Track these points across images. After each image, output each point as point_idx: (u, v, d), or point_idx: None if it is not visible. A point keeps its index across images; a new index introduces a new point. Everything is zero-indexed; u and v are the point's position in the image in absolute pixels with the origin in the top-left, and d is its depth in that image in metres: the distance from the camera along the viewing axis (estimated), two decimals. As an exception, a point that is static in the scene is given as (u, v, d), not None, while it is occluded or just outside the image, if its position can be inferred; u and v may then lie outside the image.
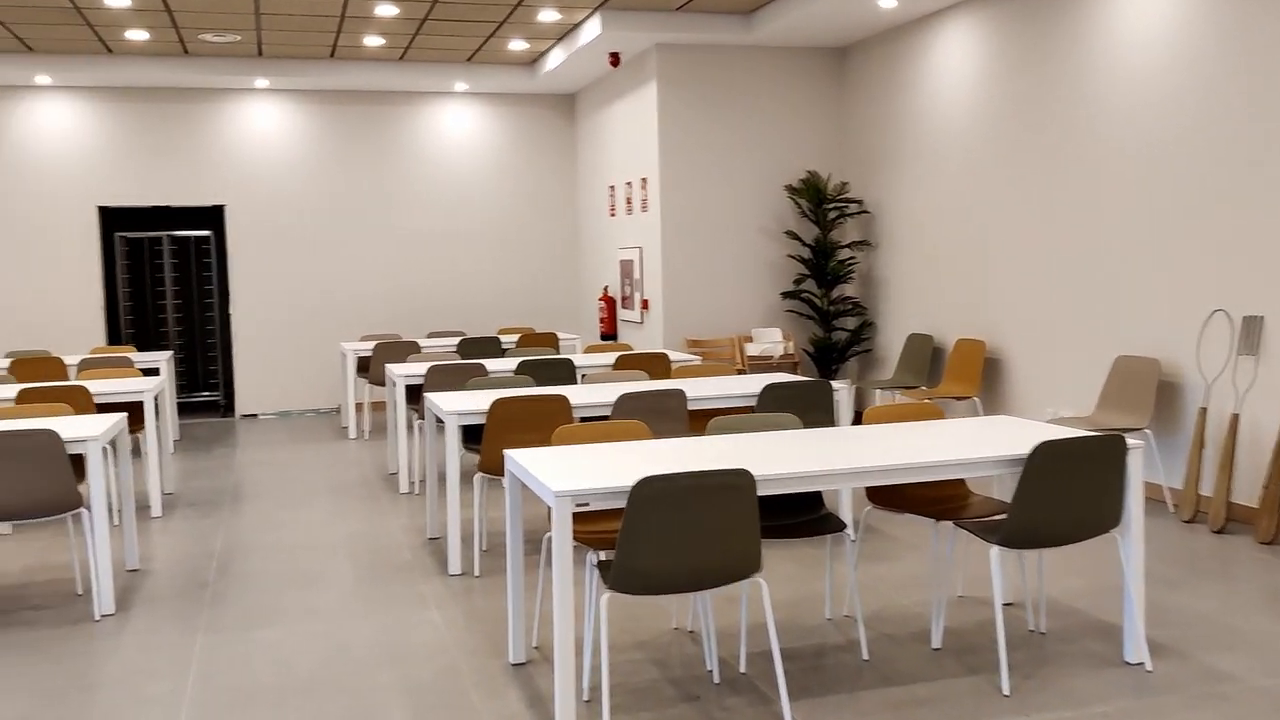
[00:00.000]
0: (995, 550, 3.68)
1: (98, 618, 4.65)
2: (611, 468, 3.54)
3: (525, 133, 11.60)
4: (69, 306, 10.45)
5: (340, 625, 4.49)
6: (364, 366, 9.59)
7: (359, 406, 10.91)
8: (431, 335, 10.31)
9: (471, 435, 5.93)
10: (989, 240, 7.76)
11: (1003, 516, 3.87)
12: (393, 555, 5.57)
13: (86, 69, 9.72)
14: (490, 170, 11.52)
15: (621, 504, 3.28)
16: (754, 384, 5.81)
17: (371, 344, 9.31)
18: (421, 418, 7.36)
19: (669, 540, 3.22)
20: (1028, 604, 4.50)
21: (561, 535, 3.25)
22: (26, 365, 7.80)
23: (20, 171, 10.27)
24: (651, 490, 3.17)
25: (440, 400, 5.43)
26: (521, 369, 6.85)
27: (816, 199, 9.27)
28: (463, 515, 6.17)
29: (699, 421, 5.83)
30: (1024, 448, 3.79)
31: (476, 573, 5.19)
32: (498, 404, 5.09)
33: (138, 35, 8.99)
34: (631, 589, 3.25)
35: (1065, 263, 7.03)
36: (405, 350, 8.97)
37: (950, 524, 4.85)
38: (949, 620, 4.37)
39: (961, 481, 4.39)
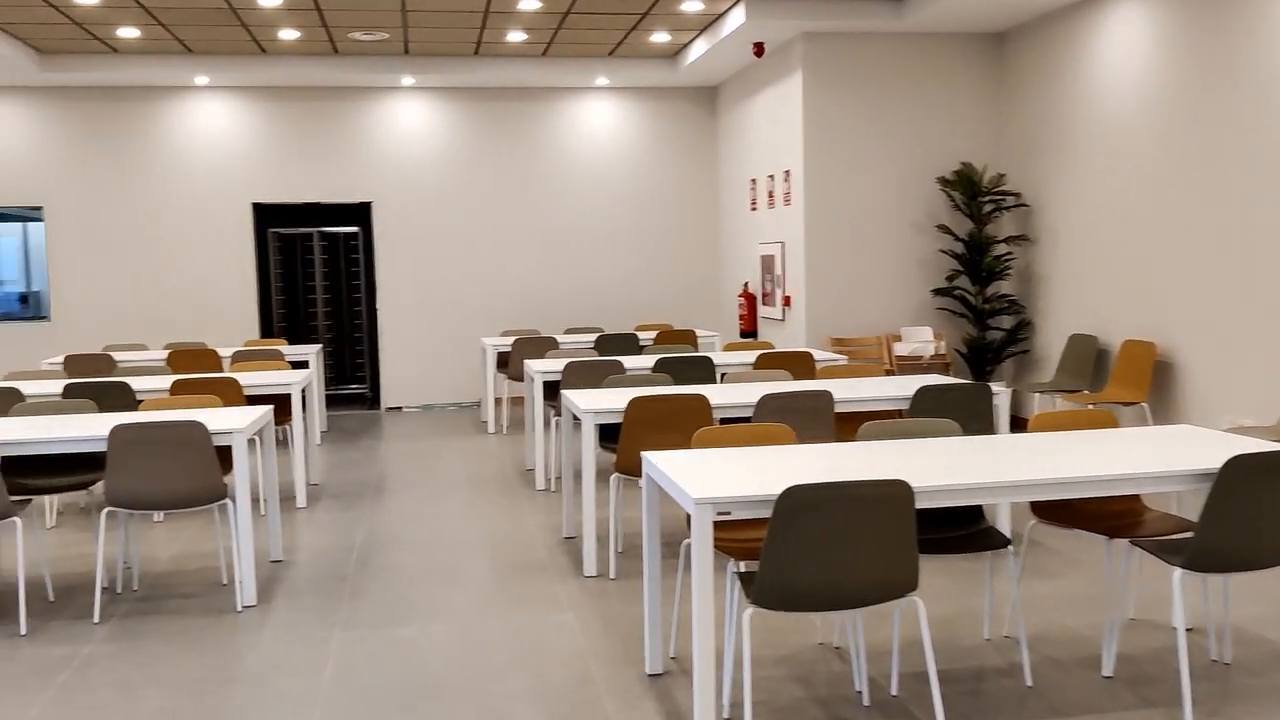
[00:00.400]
0: (1178, 573, 3.33)
1: (240, 609, 4.69)
2: (755, 474, 3.33)
3: (665, 126, 11.46)
4: (225, 300, 10.80)
5: (474, 625, 4.41)
6: (503, 362, 9.61)
7: (498, 401, 10.97)
8: (569, 331, 10.27)
9: (608, 434, 5.80)
10: (1160, 236, 7.22)
11: (1186, 536, 3.51)
12: (528, 554, 5.49)
13: (241, 69, 10.01)
14: (630, 165, 11.42)
15: (766, 514, 3.08)
16: (906, 386, 5.51)
17: (511, 339, 9.31)
18: (559, 414, 7.29)
19: (818, 554, 2.99)
20: (1210, 631, 4.11)
21: (701, 546, 3.07)
22: (183, 357, 8.05)
23: (181, 170, 10.66)
24: (799, 500, 2.95)
25: (577, 398, 5.31)
26: (659, 367, 6.69)
27: (971, 191, 8.84)
28: (598, 515, 6.06)
29: (845, 425, 5.56)
30: (1211, 461, 3.42)
31: (612, 575, 5.05)
32: (635, 403, 4.94)
33: (289, 35, 9.19)
34: (776, 605, 3.04)
35: (1246, 261, 6.47)
36: (543, 346, 8.94)
37: (1124, 542, 4.48)
38: (1121, 646, 4.01)
39: (1136, 496, 4.02)
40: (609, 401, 5.15)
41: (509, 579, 5.07)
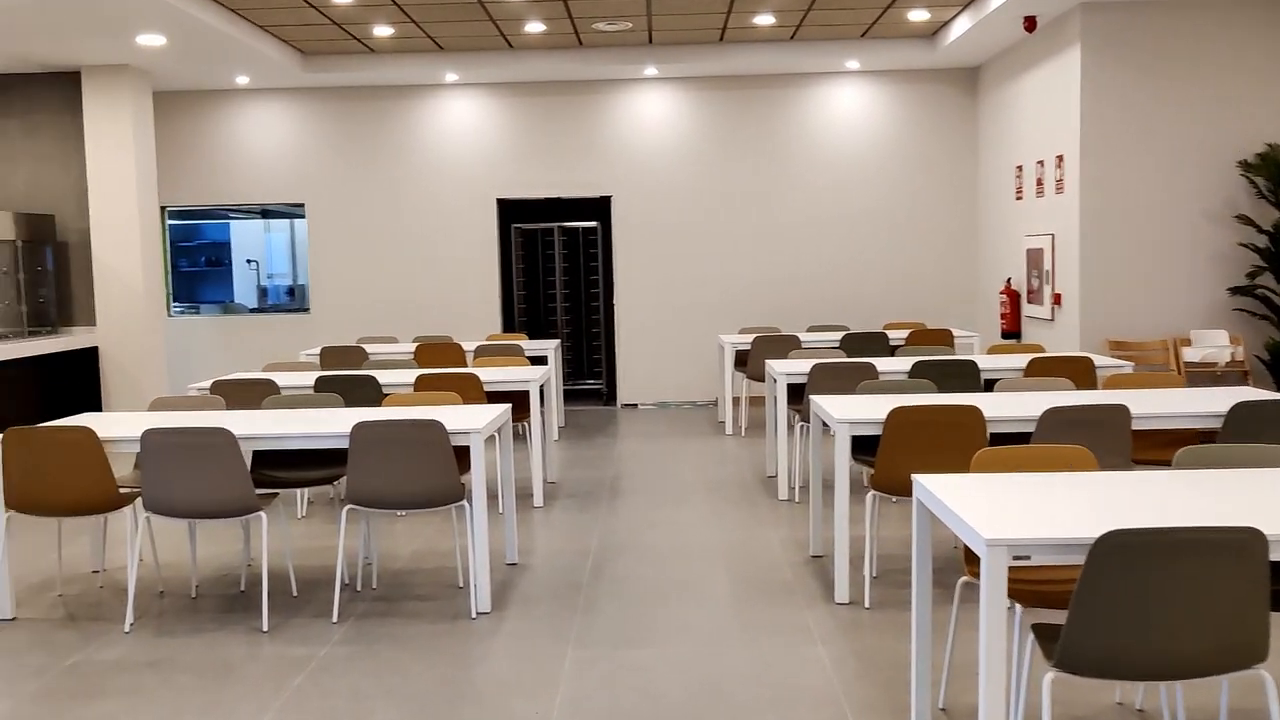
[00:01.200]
0: None
1: (474, 616, 4.52)
2: (1056, 510, 2.79)
3: (921, 111, 10.75)
4: (470, 295, 10.95)
5: (714, 652, 4.05)
6: (742, 360, 9.23)
7: (736, 401, 10.60)
8: (812, 329, 9.77)
9: (863, 444, 5.31)
10: None
11: None
12: (771, 572, 5.08)
13: (489, 65, 10.07)
14: (881, 152, 10.78)
15: (1074, 560, 2.54)
16: (1211, 400, 4.74)
17: (750, 337, 8.92)
18: (804, 420, 6.83)
19: (1141, 613, 2.44)
20: None
21: (994, 594, 2.57)
22: (429, 351, 8.11)
23: (430, 166, 10.88)
24: (1122, 547, 2.41)
25: (829, 405, 4.85)
26: (918, 371, 6.12)
27: (1279, 177, 7.73)
28: (851, 533, 5.57)
29: (1140, 447, 4.84)
30: None
31: (867, 604, 4.57)
32: (897, 414, 4.44)
33: (535, 28, 9.14)
34: (1084, 670, 2.51)
35: None
36: (785, 345, 8.50)
37: None
38: None
39: None
40: (865, 410, 4.67)
41: (751, 600, 4.68)
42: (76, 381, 9.21)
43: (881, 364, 6.58)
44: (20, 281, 8.95)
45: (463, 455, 5.14)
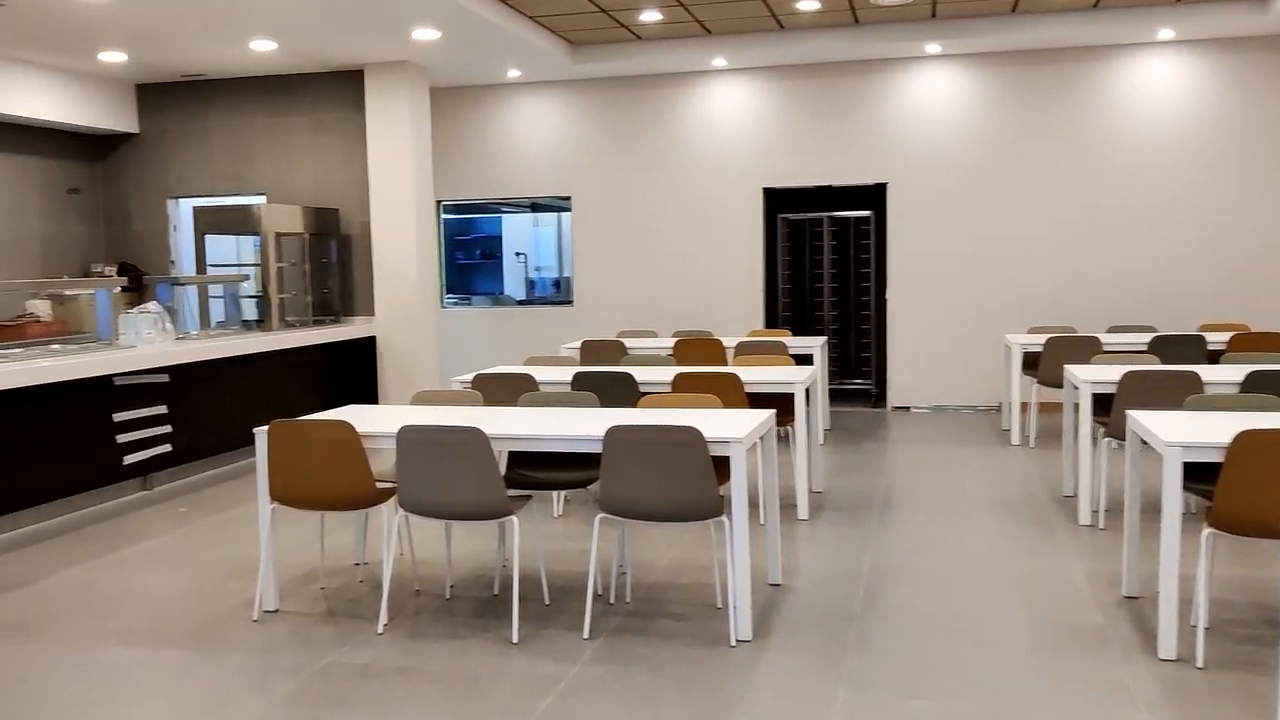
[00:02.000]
0: None
1: (733, 643, 4.11)
2: None
3: (1247, 85, 9.43)
4: (732, 289, 10.58)
5: (1011, 709, 3.44)
6: (1031, 362, 8.37)
7: (1024, 407, 9.69)
8: (1113, 330, 8.76)
9: (1196, 471, 4.50)
10: None
11: None
12: (1077, 613, 4.38)
13: (757, 48, 9.64)
14: (1197, 133, 9.54)
15: None
16: None
17: (1042, 338, 8.06)
18: (1108, 433, 5.98)
19: None
20: None
21: None
22: (688, 347, 7.80)
23: (695, 156, 10.58)
24: None
25: (1154, 424, 4.11)
26: (1254, 382, 5.19)
27: None
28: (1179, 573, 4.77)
29: None
30: None
31: (1199, 663, 3.82)
32: (1247, 438, 3.66)
33: (809, 6, 8.63)
34: None
35: None
36: (1084, 348, 7.59)
37: None
38: None
39: None
40: (1200, 431, 3.90)
41: (1054, 646, 4.02)
42: (357, 369, 9.54)
43: (1205, 373, 5.66)
44: (306, 273, 9.35)
45: (722, 464, 4.75)
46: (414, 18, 7.77)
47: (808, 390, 6.27)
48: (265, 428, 4.51)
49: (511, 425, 4.48)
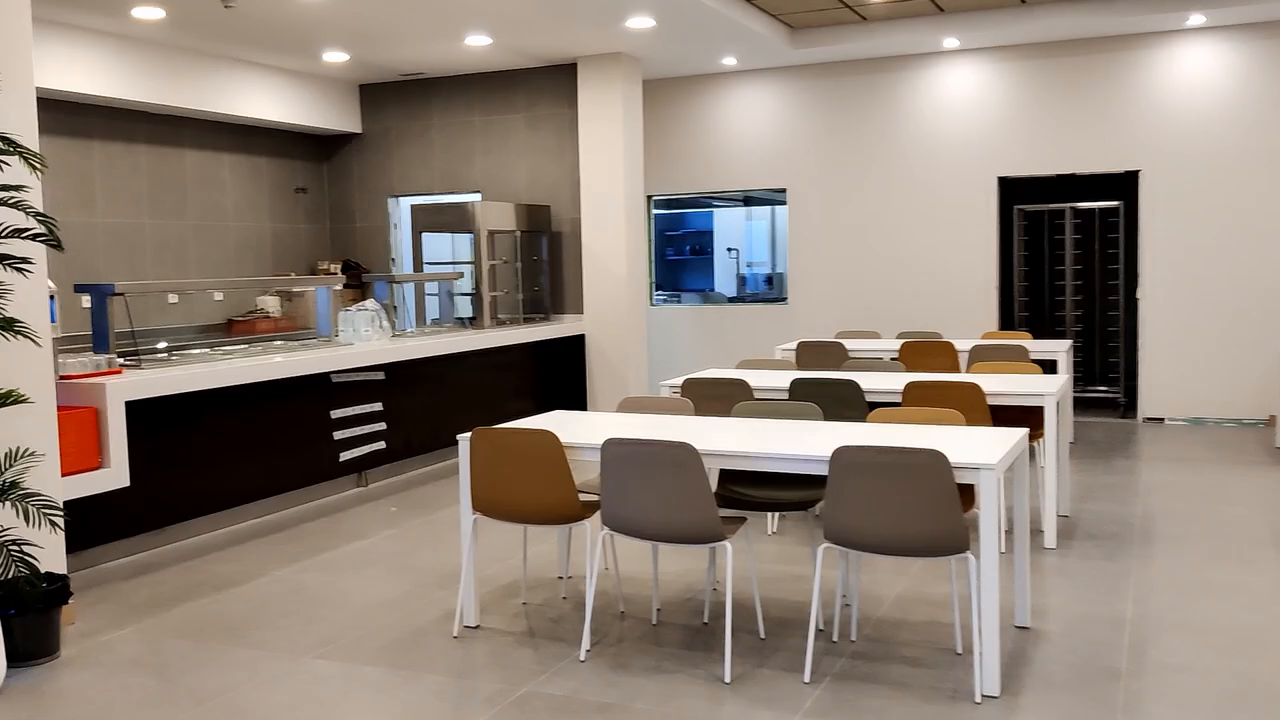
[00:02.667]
0: None
1: (978, 699, 3.57)
2: None
3: None
4: (963, 287, 9.83)
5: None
6: (1318, 373, 7.30)
7: (1299, 422, 8.54)
8: None
9: None
10: None
11: None
12: None
13: (994, 26, 8.87)
14: None
15: None
16: None
17: (1333, 345, 7.00)
18: None
19: None
20: None
21: None
22: (916, 350, 7.19)
23: (922, 144, 9.89)
24: None
25: None
26: None
27: None
28: None
29: None
30: None
31: None
32: None
33: (1055, -24, 7.83)
34: None
35: None
36: (1389, 357, 6.52)
37: None
38: None
39: None
40: None
41: (1386, 732, 3.28)
42: (566, 368, 9.39)
43: None
44: (518, 270, 9.26)
45: (965, 489, 4.19)
46: (630, 6, 7.49)
47: (1057, 402, 5.59)
48: (468, 435, 4.29)
49: (725, 440, 4.09)
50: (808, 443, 4.00)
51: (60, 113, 8.02)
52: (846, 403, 5.38)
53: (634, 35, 8.48)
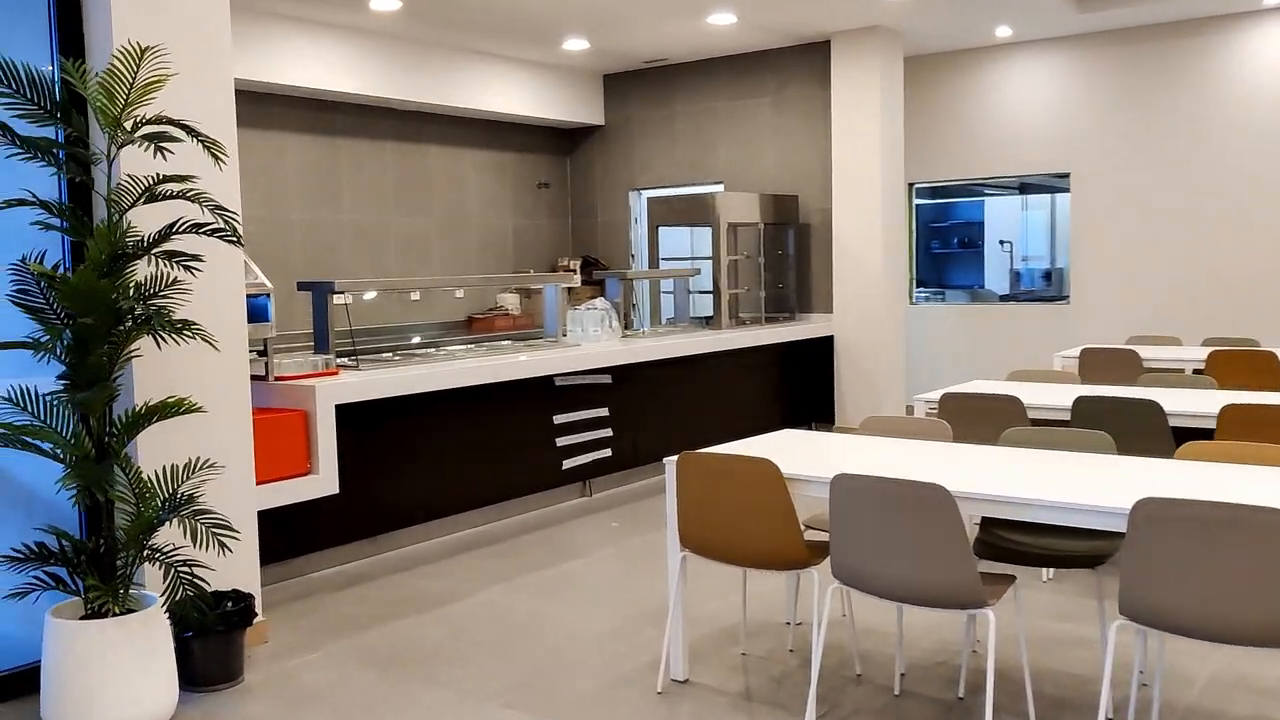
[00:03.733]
0: None
1: None
2: None
3: None
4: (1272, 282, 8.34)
5: None
6: None
7: None
8: None
9: None
10: None
11: None
12: None
13: (1338, -28, 7.39)
14: None
15: None
16: None
17: None
18: None
19: None
20: None
21: None
22: (1227, 361, 6.00)
23: (1232, 118, 8.43)
24: None
25: None
26: None
27: None
28: None
29: None
30: None
31: None
32: None
33: None
34: None
35: None
36: None
37: None
38: None
39: None
40: None
41: None
42: (813, 374, 8.67)
43: None
44: (761, 266, 8.62)
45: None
46: (885, -31, 6.67)
47: None
48: (674, 459, 3.69)
49: (989, 478, 3.29)
50: (1097, 487, 3.14)
51: (308, 110, 8.07)
52: (1146, 429, 4.39)
53: (894, 7, 7.63)
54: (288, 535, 5.09)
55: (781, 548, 3.47)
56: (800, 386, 8.61)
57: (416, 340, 8.26)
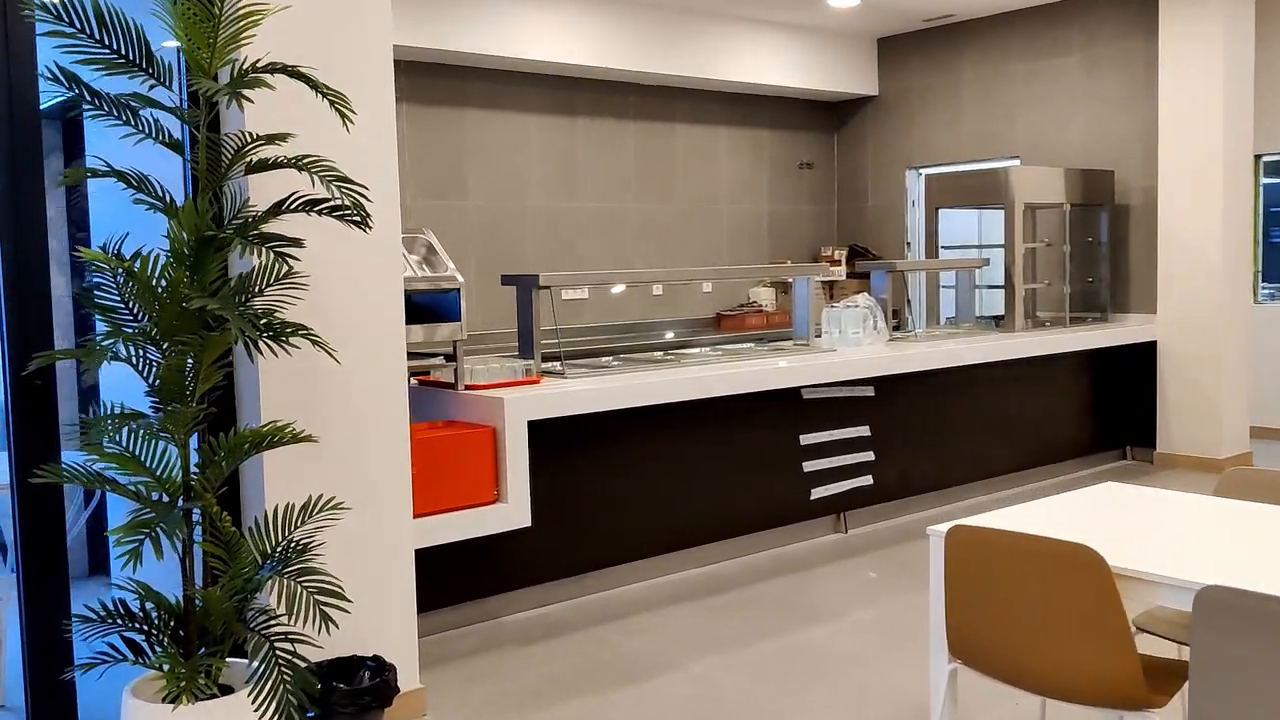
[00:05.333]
0: None
1: None
2: None
3: None
4: None
5: None
6: None
7: None
8: None
9: None
10: None
11: None
12: None
13: None
14: None
15: None
16: None
17: None
18: None
19: None
20: None
21: None
22: None
23: None
24: None
25: None
26: None
27: None
28: None
29: None
30: None
31: None
32: None
33: None
34: None
35: None
36: None
37: None
38: None
39: None
40: None
41: None
42: (1131, 390, 7.12)
43: None
44: (1065, 255, 7.15)
45: None
46: None
47: None
48: (941, 530, 2.57)
49: None
50: None
51: (546, 87, 7.39)
52: None
53: (1249, -76, 6.01)
54: (469, 574, 4.33)
55: (1104, 676, 2.28)
56: (1113, 404, 7.09)
57: (652, 340, 7.41)
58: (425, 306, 4.43)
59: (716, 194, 8.36)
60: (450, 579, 4.26)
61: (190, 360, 2.59)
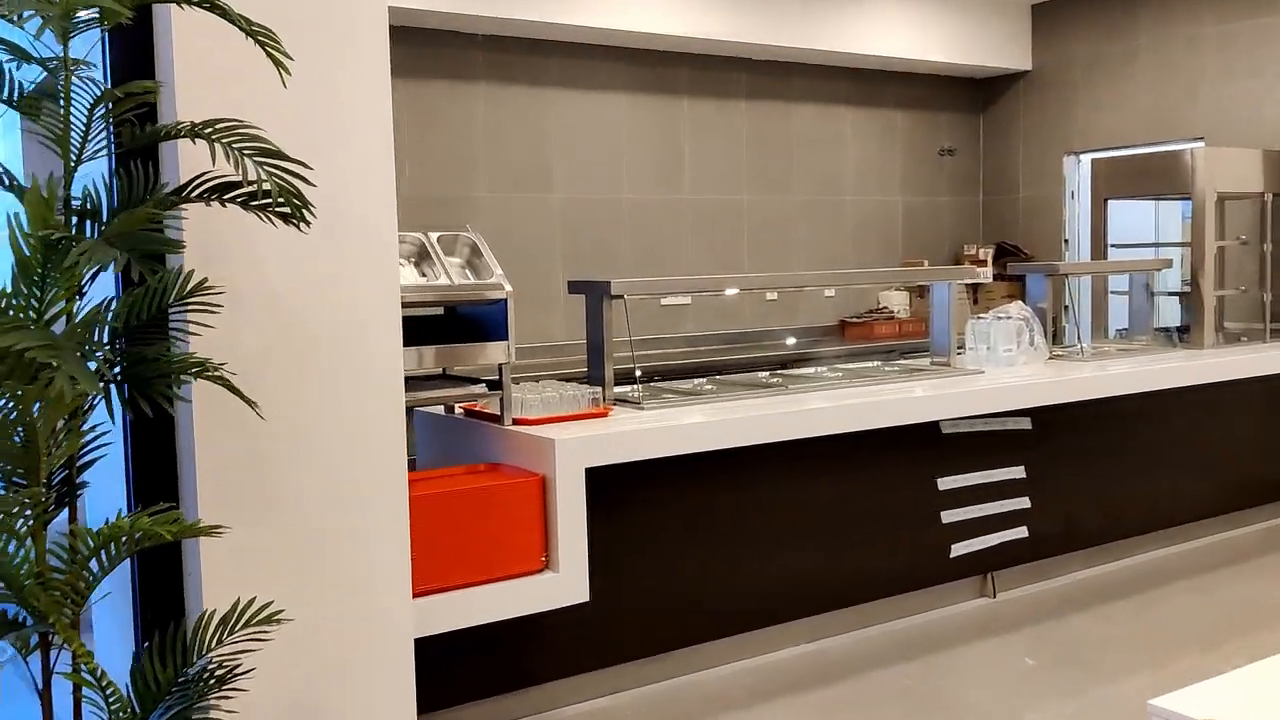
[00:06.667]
0: None
1: None
2: None
3: None
4: None
5: None
6: None
7: None
8: None
9: None
10: None
11: None
12: None
13: None
14: None
15: None
16: None
17: None
18: None
19: None
20: None
21: None
22: None
23: None
24: None
25: None
26: None
27: None
28: None
29: None
30: None
31: None
32: None
33: None
34: None
35: None
36: None
37: None
38: None
39: None
40: None
41: None
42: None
43: None
44: (1266, 256, 5.91)
45: None
46: None
47: None
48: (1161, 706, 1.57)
49: None
50: None
51: (644, 64, 6.50)
52: None
53: None
54: (508, 658, 3.47)
55: None
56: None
57: (765, 349, 6.45)
58: (469, 320, 3.61)
59: (841, 184, 7.34)
60: (485, 664, 3.41)
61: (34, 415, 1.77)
